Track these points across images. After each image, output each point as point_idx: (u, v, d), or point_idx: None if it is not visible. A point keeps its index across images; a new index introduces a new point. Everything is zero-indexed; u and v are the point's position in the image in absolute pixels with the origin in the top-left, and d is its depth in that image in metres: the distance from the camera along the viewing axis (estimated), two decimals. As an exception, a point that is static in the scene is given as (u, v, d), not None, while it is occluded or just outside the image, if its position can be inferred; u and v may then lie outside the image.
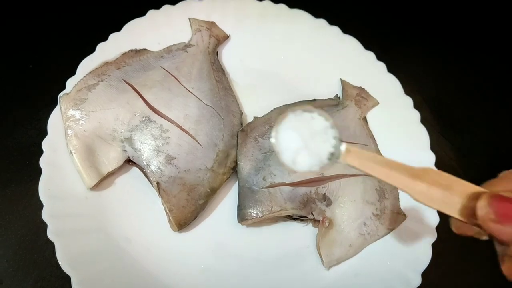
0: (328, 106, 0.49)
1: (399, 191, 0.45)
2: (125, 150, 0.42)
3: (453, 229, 0.33)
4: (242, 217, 0.42)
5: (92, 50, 0.47)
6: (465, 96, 0.57)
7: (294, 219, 0.43)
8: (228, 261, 0.41)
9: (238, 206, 0.42)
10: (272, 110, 0.48)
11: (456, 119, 0.55)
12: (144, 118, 0.43)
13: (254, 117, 0.47)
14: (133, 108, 0.43)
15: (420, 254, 0.41)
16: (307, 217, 0.43)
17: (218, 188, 0.43)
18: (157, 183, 0.40)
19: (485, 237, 0.31)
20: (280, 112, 0.48)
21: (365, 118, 0.49)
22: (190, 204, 0.41)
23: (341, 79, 0.51)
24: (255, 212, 0.41)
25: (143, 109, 0.43)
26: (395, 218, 0.43)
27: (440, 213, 0.42)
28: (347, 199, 0.43)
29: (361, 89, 0.50)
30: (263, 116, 0.47)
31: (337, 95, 0.50)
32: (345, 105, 0.49)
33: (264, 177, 0.43)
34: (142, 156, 0.42)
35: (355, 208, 0.43)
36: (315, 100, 0.49)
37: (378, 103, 0.50)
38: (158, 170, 0.41)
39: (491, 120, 0.56)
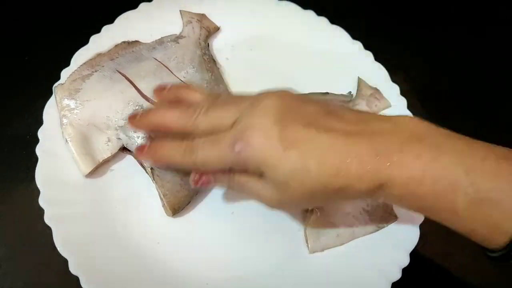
0: (339, 101, 0.50)
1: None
2: (119, 138, 0.43)
3: None
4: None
5: (85, 42, 0.48)
6: (452, 83, 0.59)
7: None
8: (221, 244, 0.43)
9: None
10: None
11: (442, 106, 0.57)
12: (137, 107, 0.44)
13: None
14: (126, 97, 0.44)
15: (409, 234, 0.43)
16: (296, 201, 0.44)
17: (210, 173, 0.44)
18: (151, 168, 0.41)
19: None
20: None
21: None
22: (184, 189, 0.42)
23: (358, 77, 0.52)
24: None
25: (136, 98, 0.44)
26: (386, 218, 0.44)
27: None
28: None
29: (375, 90, 0.51)
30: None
31: (350, 92, 0.51)
32: (356, 103, 0.50)
33: None
34: (136, 143, 0.43)
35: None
36: (327, 93, 0.50)
37: (391, 105, 0.50)
38: (152, 156, 0.42)
39: (478, 106, 0.57)
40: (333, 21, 0.55)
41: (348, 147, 0.31)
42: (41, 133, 0.43)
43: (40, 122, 0.43)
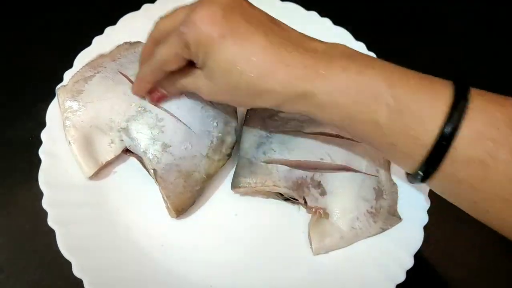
0: None
1: (398, 194, 0.45)
2: (122, 140, 0.43)
3: None
4: (235, 184, 0.43)
5: (88, 43, 0.48)
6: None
7: (286, 199, 0.44)
8: (225, 246, 0.42)
9: (234, 174, 0.44)
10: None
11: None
12: (139, 108, 0.44)
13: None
14: (129, 98, 0.44)
15: (413, 236, 0.42)
16: (298, 200, 0.44)
17: (213, 174, 0.44)
18: (154, 170, 0.41)
19: None
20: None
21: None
22: (187, 190, 0.42)
23: None
24: (248, 181, 0.43)
25: (139, 99, 0.44)
26: (390, 220, 0.44)
27: (431, 197, 0.44)
28: (342, 192, 0.44)
29: None
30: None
31: None
32: None
33: (264, 152, 0.44)
34: (139, 145, 0.42)
35: (349, 202, 0.43)
36: None
37: None
38: (155, 157, 0.42)
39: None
40: (336, 22, 0.55)
41: (280, 54, 0.32)
42: (44, 135, 0.43)
43: (43, 124, 0.43)
